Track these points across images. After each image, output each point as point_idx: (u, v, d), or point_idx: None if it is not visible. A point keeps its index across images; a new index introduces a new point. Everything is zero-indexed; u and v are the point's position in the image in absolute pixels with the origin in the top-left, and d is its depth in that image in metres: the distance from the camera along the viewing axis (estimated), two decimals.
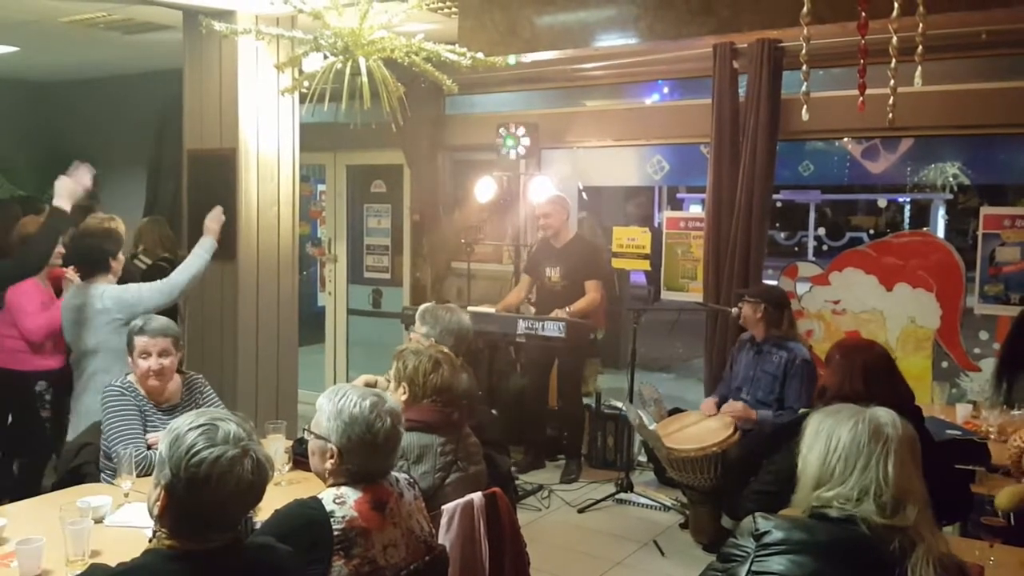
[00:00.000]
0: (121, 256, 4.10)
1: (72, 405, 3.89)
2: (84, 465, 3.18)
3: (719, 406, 4.64)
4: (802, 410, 4.02)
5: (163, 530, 1.74)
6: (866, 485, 1.66)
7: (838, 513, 1.69)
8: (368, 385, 3.44)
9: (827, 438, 1.76)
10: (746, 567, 1.71)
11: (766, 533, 1.71)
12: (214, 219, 4.29)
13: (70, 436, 3.68)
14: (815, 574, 1.64)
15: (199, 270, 4.09)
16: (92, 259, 3.97)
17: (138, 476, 2.82)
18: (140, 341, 3.15)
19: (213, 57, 5.12)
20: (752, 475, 3.55)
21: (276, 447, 3.02)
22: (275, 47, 4.96)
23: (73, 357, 3.95)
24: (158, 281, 4.04)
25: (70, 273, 4.06)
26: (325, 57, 3.50)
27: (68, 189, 3.73)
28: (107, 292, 3.87)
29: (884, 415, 1.80)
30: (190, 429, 1.73)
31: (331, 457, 2.21)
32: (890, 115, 2.58)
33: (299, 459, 2.97)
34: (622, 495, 5.15)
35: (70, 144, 8.43)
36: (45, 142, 8.46)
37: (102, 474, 3.11)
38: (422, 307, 3.92)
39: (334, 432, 2.20)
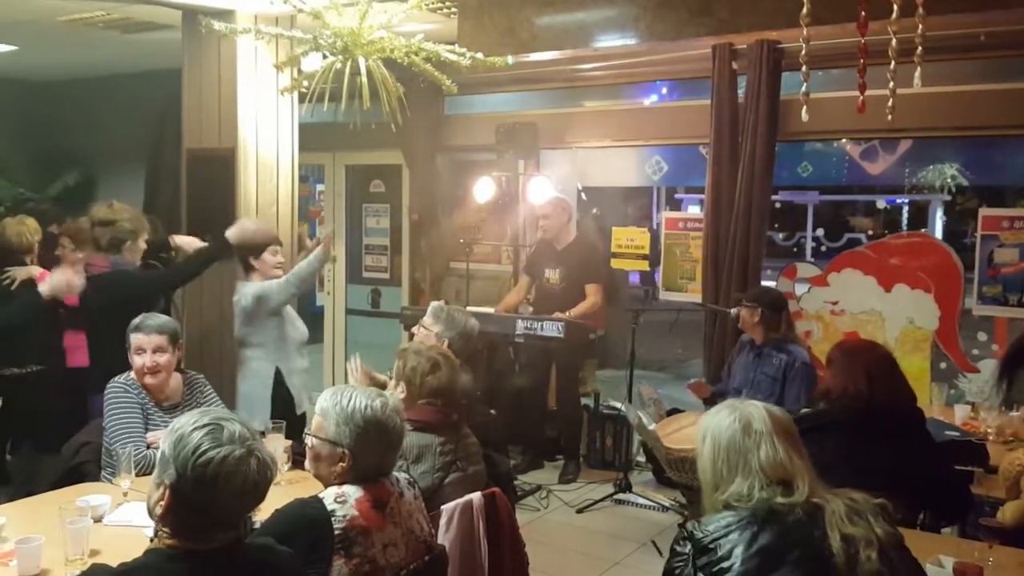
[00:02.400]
0: (267, 256, 4.42)
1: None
2: (84, 464, 3.17)
3: (712, 394, 4.68)
4: (803, 411, 4.02)
5: (165, 530, 1.74)
6: (751, 479, 1.77)
7: (767, 507, 1.78)
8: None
9: (711, 442, 1.86)
10: (690, 567, 1.77)
11: (697, 531, 1.79)
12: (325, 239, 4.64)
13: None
14: (755, 538, 1.73)
15: (308, 273, 4.40)
16: (242, 262, 4.45)
17: (137, 475, 2.81)
18: (135, 338, 3.15)
19: (212, 56, 5.12)
20: None
21: (275, 446, 3.02)
22: (274, 47, 4.95)
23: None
24: (281, 279, 4.38)
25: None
26: (324, 57, 3.50)
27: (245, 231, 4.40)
28: (248, 288, 4.37)
29: (754, 410, 1.88)
30: (195, 429, 1.73)
31: (341, 460, 2.19)
32: (889, 116, 2.58)
33: (299, 459, 2.96)
34: (621, 495, 5.15)
35: (68, 144, 8.44)
36: (43, 141, 8.45)
37: (103, 472, 3.11)
38: (437, 306, 3.90)
39: (346, 436, 2.18)
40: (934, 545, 2.58)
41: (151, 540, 1.77)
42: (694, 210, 11.59)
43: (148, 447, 3.02)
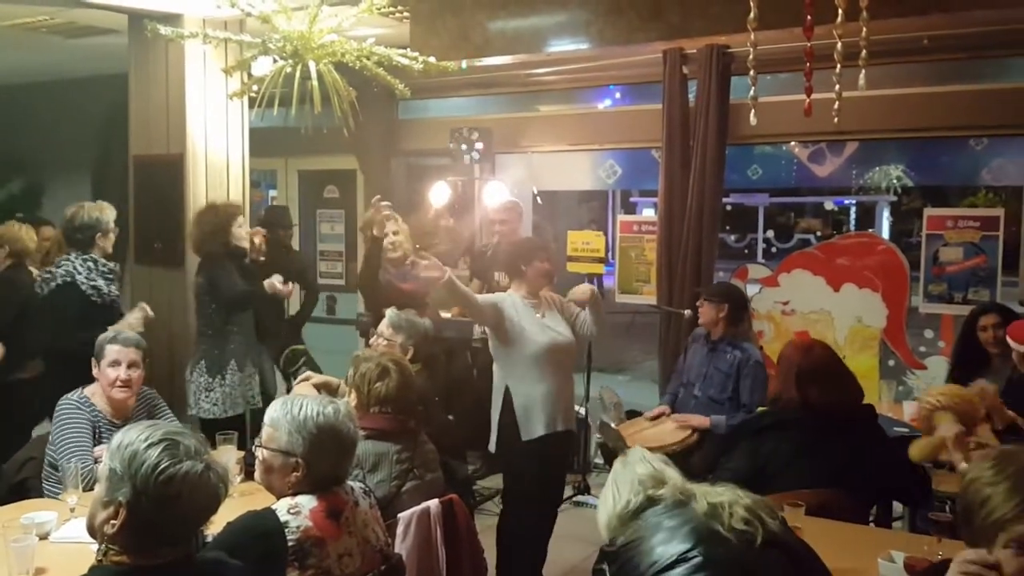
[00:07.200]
0: (538, 263, 3.87)
1: None
2: (28, 480, 3.09)
3: (672, 408, 4.68)
4: (759, 409, 4.06)
5: (114, 547, 1.69)
6: (636, 488, 2.02)
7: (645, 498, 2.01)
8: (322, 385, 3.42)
9: (604, 495, 2.09)
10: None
11: (612, 546, 2.00)
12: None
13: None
14: (672, 523, 1.93)
15: None
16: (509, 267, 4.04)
17: (84, 490, 2.75)
18: (112, 349, 3.09)
19: (159, 61, 5.03)
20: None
21: (228, 458, 2.96)
22: (223, 51, 4.88)
23: None
24: None
25: None
26: (275, 61, 3.46)
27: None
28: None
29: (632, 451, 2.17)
30: (150, 445, 1.69)
31: (295, 470, 2.16)
32: (835, 119, 2.63)
33: (251, 470, 2.91)
34: (579, 497, 5.16)
35: (13, 149, 8.22)
36: None
37: (44, 484, 3.03)
38: (393, 315, 3.84)
39: (299, 445, 2.16)
40: (885, 540, 2.64)
41: (98, 560, 1.72)
42: (648, 213, 11.69)
43: (96, 461, 2.95)
